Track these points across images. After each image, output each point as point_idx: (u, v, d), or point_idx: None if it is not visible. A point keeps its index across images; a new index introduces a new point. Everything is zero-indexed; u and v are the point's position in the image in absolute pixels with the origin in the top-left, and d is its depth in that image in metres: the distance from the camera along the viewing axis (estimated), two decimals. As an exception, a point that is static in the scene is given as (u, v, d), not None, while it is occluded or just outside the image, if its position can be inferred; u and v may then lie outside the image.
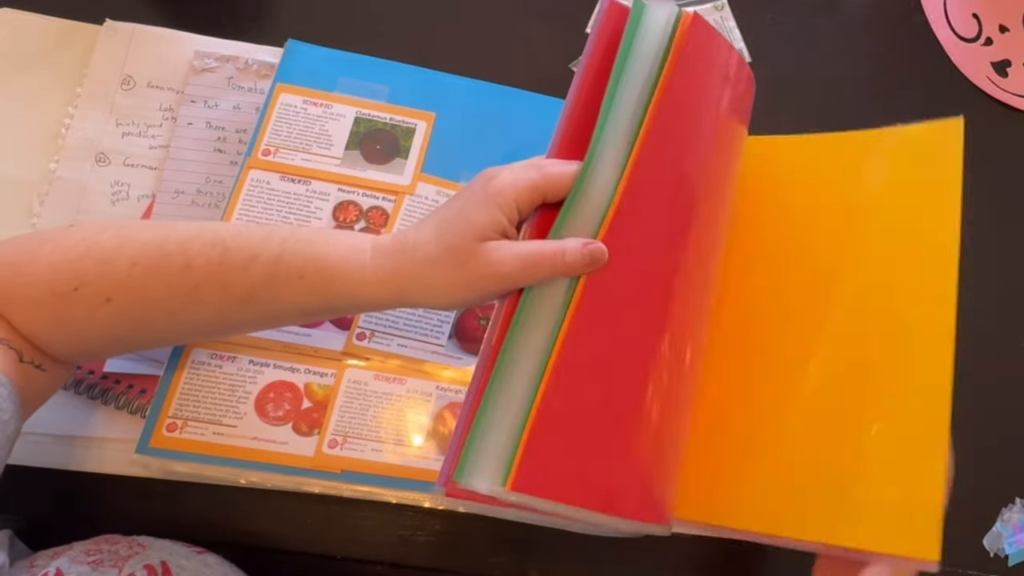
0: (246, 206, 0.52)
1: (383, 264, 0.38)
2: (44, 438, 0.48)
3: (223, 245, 0.39)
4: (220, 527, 0.49)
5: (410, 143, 0.56)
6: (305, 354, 0.50)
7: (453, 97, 0.58)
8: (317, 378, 0.50)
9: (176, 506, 0.49)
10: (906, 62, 0.70)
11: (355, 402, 0.49)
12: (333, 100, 0.56)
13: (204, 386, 0.48)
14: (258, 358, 0.49)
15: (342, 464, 0.48)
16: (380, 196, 0.54)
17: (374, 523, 0.50)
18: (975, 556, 0.57)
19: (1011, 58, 0.71)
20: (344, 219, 0.53)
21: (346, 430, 0.49)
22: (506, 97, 0.59)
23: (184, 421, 0.47)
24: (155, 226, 0.41)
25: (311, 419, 0.49)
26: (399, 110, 0.56)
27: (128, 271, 0.38)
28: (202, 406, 0.48)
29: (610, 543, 0.52)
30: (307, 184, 0.53)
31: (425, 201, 0.54)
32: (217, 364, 0.49)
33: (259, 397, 0.49)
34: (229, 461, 0.47)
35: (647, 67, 0.39)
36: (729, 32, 0.67)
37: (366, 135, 0.55)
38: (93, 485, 0.48)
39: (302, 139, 0.54)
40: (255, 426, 0.48)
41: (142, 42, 0.57)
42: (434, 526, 0.51)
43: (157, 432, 0.47)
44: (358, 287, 0.38)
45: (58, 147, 0.54)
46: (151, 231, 0.40)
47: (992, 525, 0.58)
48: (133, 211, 0.53)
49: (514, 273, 0.35)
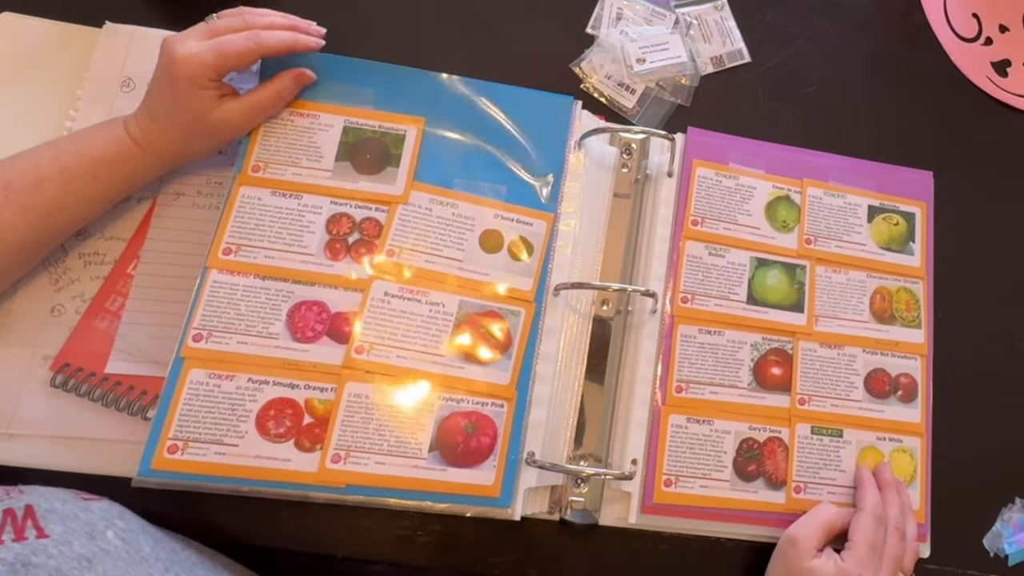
0: (238, 223, 0.52)
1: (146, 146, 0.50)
2: (44, 439, 0.48)
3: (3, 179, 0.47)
4: (220, 527, 0.49)
5: (400, 150, 0.55)
6: (304, 370, 0.49)
7: (439, 97, 0.57)
8: (317, 393, 0.49)
9: (175, 507, 0.49)
10: (906, 62, 0.70)
11: (356, 415, 0.49)
12: (319, 110, 0.55)
13: (204, 406, 0.48)
14: (257, 376, 0.49)
15: (346, 479, 0.48)
16: (373, 207, 0.53)
17: (374, 523, 0.50)
18: (975, 556, 0.57)
19: (1011, 58, 0.71)
20: (338, 232, 0.53)
21: (349, 444, 0.48)
22: (495, 93, 0.58)
23: (185, 442, 0.47)
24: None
25: (313, 435, 0.48)
26: (387, 116, 0.56)
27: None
28: (203, 426, 0.47)
29: (610, 543, 0.52)
30: (299, 199, 0.53)
31: (418, 210, 0.54)
32: (216, 383, 0.48)
33: (259, 415, 0.48)
34: (232, 480, 0.47)
35: None
36: (729, 32, 0.67)
37: (355, 145, 0.55)
38: (93, 486, 0.48)
39: (291, 152, 0.54)
40: (257, 444, 0.48)
41: (142, 44, 0.57)
42: (434, 526, 0.51)
43: (158, 455, 0.46)
44: (135, 167, 0.50)
45: (59, 149, 0.54)
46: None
47: (992, 525, 0.58)
48: (134, 213, 0.54)
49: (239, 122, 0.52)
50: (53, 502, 0.38)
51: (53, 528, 0.37)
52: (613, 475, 0.51)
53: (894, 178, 0.63)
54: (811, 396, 0.56)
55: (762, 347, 0.56)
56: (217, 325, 0.49)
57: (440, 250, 0.53)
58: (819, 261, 0.59)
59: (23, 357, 0.50)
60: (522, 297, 0.53)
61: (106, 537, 0.39)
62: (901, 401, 0.57)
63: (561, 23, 0.64)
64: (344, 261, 0.52)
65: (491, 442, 0.50)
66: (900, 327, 0.59)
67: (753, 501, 0.53)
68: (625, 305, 0.56)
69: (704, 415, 0.54)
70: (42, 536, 0.36)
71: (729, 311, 0.56)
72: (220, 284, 0.50)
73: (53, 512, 0.37)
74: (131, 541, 0.40)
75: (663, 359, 0.54)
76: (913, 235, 0.62)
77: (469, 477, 0.49)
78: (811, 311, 0.58)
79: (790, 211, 0.60)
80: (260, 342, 0.49)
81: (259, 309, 0.50)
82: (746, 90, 0.66)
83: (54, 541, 0.36)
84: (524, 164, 0.57)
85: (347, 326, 0.51)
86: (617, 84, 0.63)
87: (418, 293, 0.52)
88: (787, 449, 0.55)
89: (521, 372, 0.52)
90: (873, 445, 0.56)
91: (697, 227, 0.58)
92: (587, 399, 0.54)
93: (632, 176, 0.60)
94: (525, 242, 0.55)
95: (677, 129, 0.61)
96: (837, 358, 0.57)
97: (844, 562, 0.48)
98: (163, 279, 0.52)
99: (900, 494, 0.54)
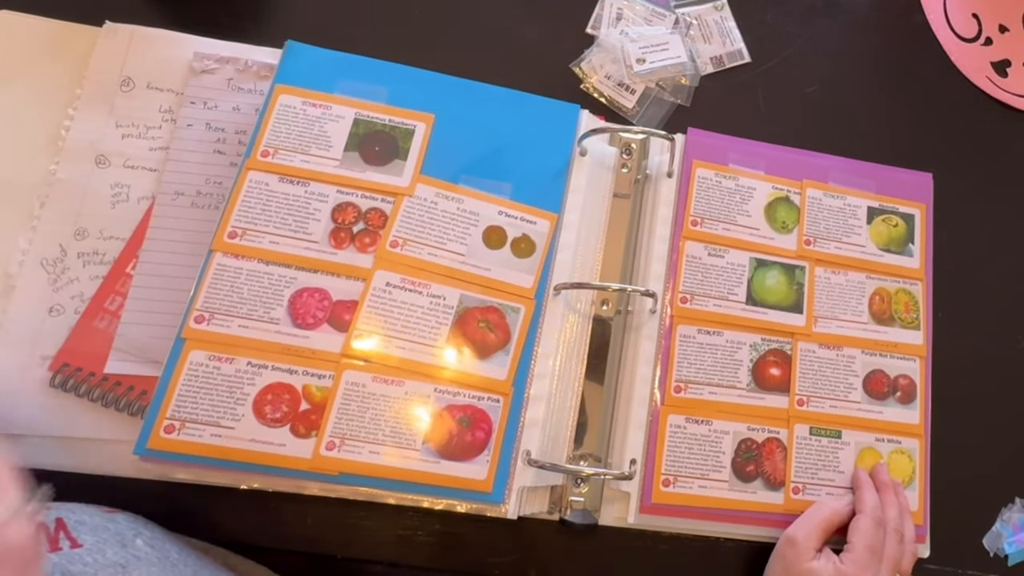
0: (245, 208, 0.52)
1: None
2: (44, 439, 0.48)
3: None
4: (220, 527, 0.49)
5: (409, 144, 0.56)
6: (303, 356, 0.50)
7: (452, 98, 0.58)
8: (315, 380, 0.50)
9: (176, 507, 0.49)
10: (906, 62, 0.70)
11: (353, 404, 0.49)
12: (332, 101, 0.56)
13: (202, 388, 0.48)
14: (256, 360, 0.49)
15: (340, 466, 0.48)
16: (379, 198, 0.54)
17: (374, 523, 0.50)
18: (975, 556, 0.57)
19: (1011, 58, 0.71)
20: (343, 220, 0.53)
21: (344, 432, 0.49)
22: (505, 98, 0.59)
23: (182, 423, 0.47)
24: None
25: (309, 421, 0.49)
26: (398, 111, 0.56)
27: None
28: (200, 408, 0.48)
29: (610, 543, 0.52)
30: (306, 186, 0.53)
31: (424, 203, 0.54)
32: (215, 366, 0.49)
33: (257, 399, 0.49)
34: (227, 463, 0.47)
35: None
36: (729, 32, 0.67)
37: (365, 136, 0.55)
38: (93, 486, 0.48)
39: (301, 140, 0.54)
40: (253, 428, 0.48)
41: (141, 44, 0.57)
42: (434, 526, 0.51)
43: (155, 434, 0.47)
44: None
45: (58, 149, 0.54)
46: None
47: (992, 525, 0.58)
48: (133, 213, 0.54)
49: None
50: (80, 514, 0.39)
51: (85, 538, 0.38)
52: (613, 475, 0.51)
53: (894, 179, 0.63)
54: (810, 397, 0.56)
55: (761, 348, 0.56)
56: (219, 308, 0.50)
57: (444, 243, 0.54)
58: (818, 262, 0.59)
59: (22, 357, 0.50)
60: (523, 294, 0.53)
61: (136, 545, 0.40)
62: (900, 402, 0.58)
63: (561, 23, 0.64)
64: (348, 250, 0.52)
65: (486, 436, 0.50)
66: (899, 328, 0.59)
67: (752, 502, 0.53)
68: (625, 305, 0.56)
69: (703, 415, 0.54)
70: (76, 546, 0.37)
71: (728, 311, 0.56)
72: (224, 267, 0.51)
73: (82, 523, 0.38)
74: (160, 548, 0.41)
75: (662, 359, 0.54)
76: (912, 236, 0.62)
77: (462, 471, 0.49)
78: (810, 312, 0.58)
79: (789, 212, 0.60)
80: (261, 326, 0.50)
81: (261, 294, 0.50)
82: (746, 90, 0.66)
83: (88, 550, 0.37)
84: (529, 165, 0.57)
85: (348, 314, 0.51)
86: (617, 84, 0.63)
87: (419, 285, 0.52)
88: (785, 450, 0.55)
89: (518, 368, 0.52)
90: (872, 446, 0.56)
91: (697, 227, 0.58)
92: (587, 399, 0.54)
93: (632, 176, 0.60)
94: (528, 240, 0.55)
95: (677, 129, 0.61)
96: (836, 359, 0.57)
97: (843, 564, 0.48)
98: (162, 279, 0.52)
99: (898, 496, 0.54)
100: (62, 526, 0.37)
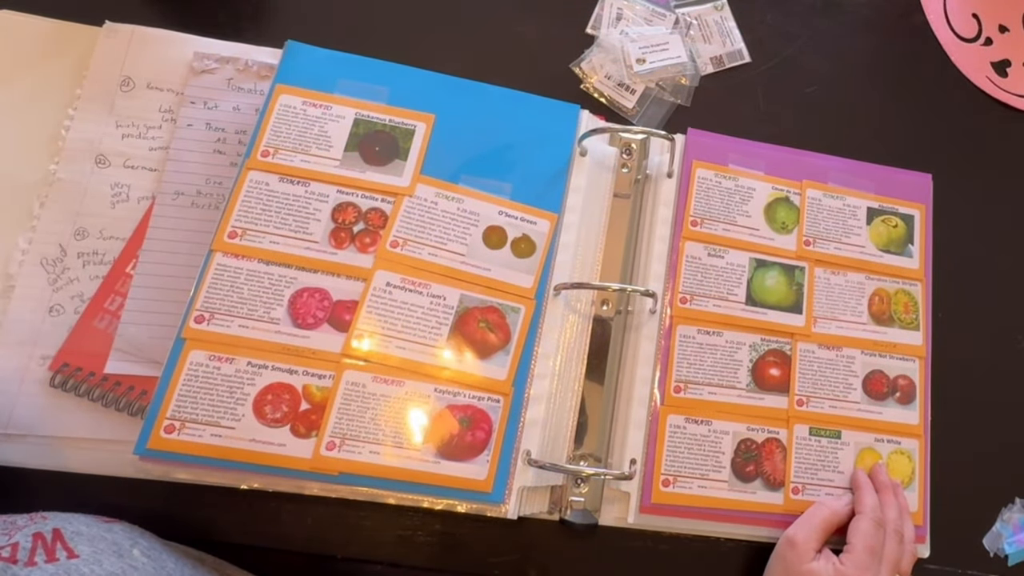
0: (245, 208, 0.52)
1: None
2: (44, 439, 0.49)
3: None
4: (220, 527, 0.49)
5: (409, 144, 0.56)
6: (303, 356, 0.50)
7: (453, 98, 0.58)
8: (315, 380, 0.50)
9: (175, 507, 0.49)
10: (906, 62, 0.70)
11: (353, 404, 0.49)
12: (332, 101, 0.56)
13: (202, 388, 0.48)
14: (256, 360, 0.49)
15: (340, 466, 0.48)
16: (379, 198, 0.54)
17: (374, 523, 0.50)
18: (975, 556, 0.57)
19: (1011, 58, 0.71)
20: (343, 220, 0.53)
21: (344, 432, 0.49)
22: (505, 98, 0.59)
23: (182, 423, 0.47)
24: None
25: (309, 421, 0.49)
26: (398, 112, 0.56)
27: None
28: (200, 408, 0.48)
29: (610, 543, 0.52)
30: (306, 185, 0.53)
31: (424, 203, 0.54)
32: (215, 366, 0.49)
33: (257, 399, 0.49)
34: (227, 463, 0.47)
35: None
36: (729, 32, 0.67)
37: (365, 136, 0.55)
38: (93, 486, 0.48)
39: (301, 140, 0.54)
40: (253, 428, 0.48)
41: (141, 43, 0.57)
42: (434, 526, 0.51)
43: (155, 434, 0.47)
44: None
45: (58, 149, 0.54)
46: None
47: (992, 525, 0.58)
48: (133, 213, 0.54)
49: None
50: (77, 525, 0.39)
51: (82, 548, 0.37)
52: (613, 475, 0.51)
53: (893, 180, 0.63)
54: (809, 397, 0.56)
55: (761, 348, 0.56)
56: (219, 308, 0.50)
57: (444, 244, 0.54)
58: (818, 263, 0.59)
59: (22, 357, 0.50)
60: (523, 294, 0.54)
61: (132, 555, 0.40)
62: (899, 403, 0.58)
63: (561, 23, 0.64)
64: (348, 250, 0.52)
65: (486, 437, 0.50)
66: (898, 329, 0.59)
67: (751, 502, 0.53)
68: (625, 305, 0.56)
69: (702, 415, 0.54)
70: (72, 556, 0.37)
71: (728, 312, 0.56)
72: (224, 267, 0.51)
73: (79, 534, 0.38)
74: (156, 558, 0.41)
75: (662, 359, 0.54)
76: (912, 237, 0.62)
77: (462, 471, 0.49)
78: (810, 312, 0.58)
79: (789, 212, 0.60)
80: (261, 326, 0.50)
81: (261, 294, 0.50)
82: (746, 90, 0.66)
83: (85, 560, 0.37)
84: (529, 165, 0.57)
85: (348, 314, 0.51)
86: (617, 84, 0.63)
87: (420, 285, 0.52)
88: (785, 450, 0.55)
89: (519, 368, 0.52)
90: (871, 447, 0.56)
91: (696, 228, 0.58)
92: (587, 399, 0.54)
93: (632, 176, 0.60)
94: (528, 240, 0.55)
95: (677, 129, 0.61)
96: (835, 359, 0.57)
97: (843, 565, 0.48)
98: (162, 279, 0.52)
99: (897, 496, 0.54)
100: (59, 537, 0.37)
